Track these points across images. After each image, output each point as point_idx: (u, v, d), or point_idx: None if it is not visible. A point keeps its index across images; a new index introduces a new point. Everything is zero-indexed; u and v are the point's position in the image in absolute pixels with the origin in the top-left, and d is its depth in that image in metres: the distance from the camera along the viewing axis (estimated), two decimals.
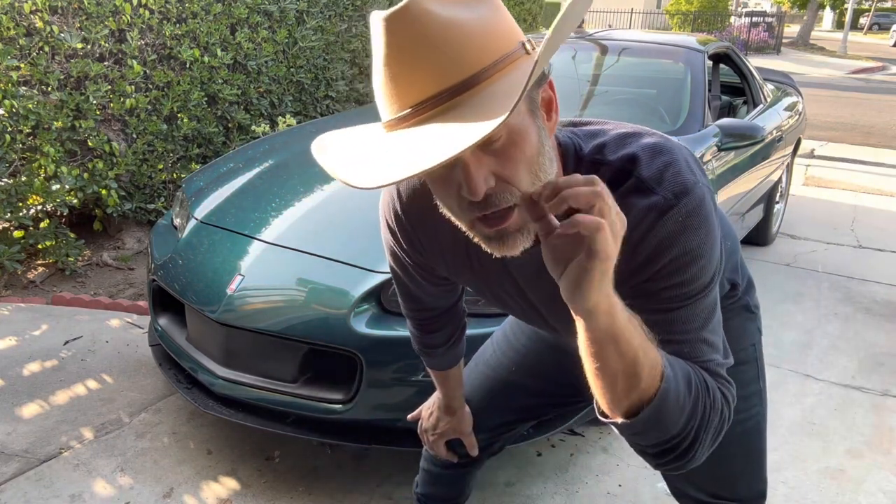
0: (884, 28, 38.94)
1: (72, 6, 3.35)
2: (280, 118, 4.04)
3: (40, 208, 3.38)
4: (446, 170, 0.71)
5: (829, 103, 11.10)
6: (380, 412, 1.85)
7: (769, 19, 21.88)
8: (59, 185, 3.19)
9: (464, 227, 0.77)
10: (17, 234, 3.26)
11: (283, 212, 2.23)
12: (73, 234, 3.42)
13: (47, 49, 3.28)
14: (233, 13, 3.93)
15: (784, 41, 22.90)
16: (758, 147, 3.13)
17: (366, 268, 1.91)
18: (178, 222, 2.45)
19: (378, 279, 1.87)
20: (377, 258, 1.90)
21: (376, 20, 0.70)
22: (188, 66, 3.78)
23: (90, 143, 3.44)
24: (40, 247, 3.37)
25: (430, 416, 1.39)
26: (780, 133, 3.66)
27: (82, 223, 3.83)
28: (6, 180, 3.06)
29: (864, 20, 41.16)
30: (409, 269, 1.10)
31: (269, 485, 2.03)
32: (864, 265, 3.98)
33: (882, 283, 3.73)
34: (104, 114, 3.54)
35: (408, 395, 1.82)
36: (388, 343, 1.80)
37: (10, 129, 3.13)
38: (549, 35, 0.64)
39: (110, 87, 3.45)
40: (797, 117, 4.17)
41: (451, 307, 1.22)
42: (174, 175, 3.85)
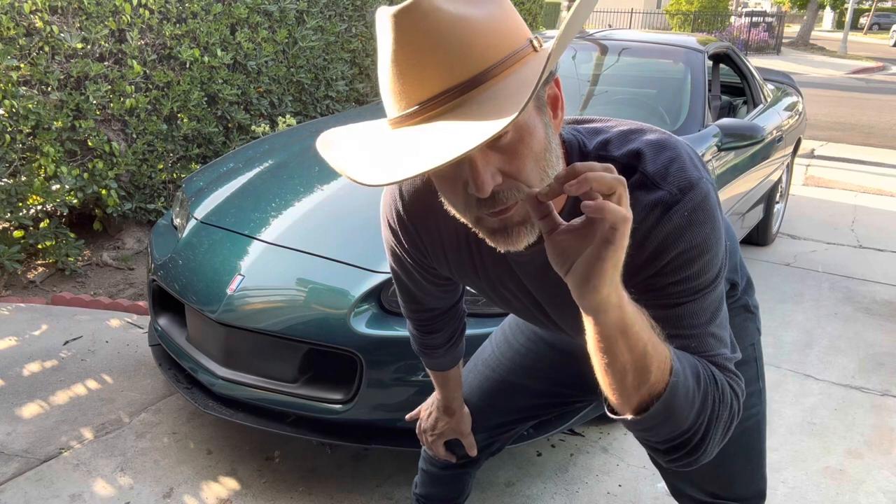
0: (884, 28, 38.95)
1: (72, 6, 3.35)
2: (280, 118, 4.05)
3: (40, 208, 3.38)
4: (453, 167, 0.71)
5: (829, 103, 11.10)
6: (380, 412, 1.85)
7: (769, 19, 21.87)
8: (59, 185, 3.19)
9: (469, 222, 0.78)
10: (17, 234, 3.26)
11: (283, 212, 2.23)
12: (73, 234, 3.42)
13: (47, 49, 3.28)
14: (233, 13, 3.93)
15: (784, 41, 22.90)
16: (758, 147, 3.13)
17: (366, 268, 1.91)
18: (178, 222, 2.45)
19: (378, 279, 1.87)
20: (377, 258, 1.91)
21: (384, 16, 0.69)
22: (188, 66, 3.78)
23: (90, 143, 3.44)
24: (40, 247, 3.37)
25: (428, 416, 1.39)
26: (780, 133, 3.66)
27: (82, 223, 3.84)
28: (6, 180, 3.06)
29: (864, 20, 41.17)
30: (411, 270, 1.09)
31: (269, 485, 2.03)
32: (864, 265, 3.98)
33: (882, 283, 3.73)
34: (104, 114, 3.54)
35: (408, 395, 1.82)
36: (388, 343, 1.80)
37: (10, 129, 3.14)
38: (561, 31, 0.64)
39: (110, 87, 3.45)
40: (797, 117, 4.17)
41: (451, 308, 1.22)
42: (174, 175, 3.85)
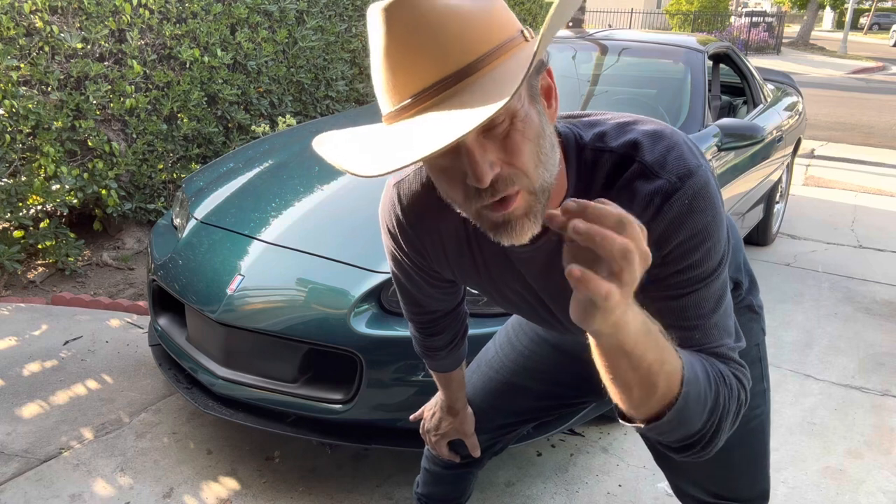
0: (884, 28, 38.95)
1: (72, 6, 3.35)
2: (280, 118, 4.05)
3: (40, 208, 3.38)
4: (450, 160, 0.71)
5: (829, 103, 11.10)
6: (380, 412, 1.85)
7: (769, 19, 21.87)
8: (59, 185, 3.19)
9: (471, 217, 0.77)
10: (17, 234, 3.26)
11: (283, 212, 2.23)
12: (73, 234, 3.42)
13: (47, 49, 3.28)
14: (233, 13, 3.93)
15: (784, 41, 22.90)
16: (758, 147, 3.13)
17: (366, 268, 1.91)
18: (178, 222, 2.45)
19: (378, 279, 1.87)
20: (377, 258, 1.91)
21: (375, 11, 0.70)
22: (188, 66, 3.78)
23: (90, 143, 3.44)
24: (40, 247, 3.37)
25: (432, 416, 1.39)
26: (780, 133, 3.66)
27: (82, 223, 3.84)
28: (6, 180, 3.06)
29: (864, 20, 41.17)
30: (412, 274, 1.09)
31: (269, 485, 2.03)
32: (864, 265, 3.98)
33: (882, 283, 3.73)
34: (104, 114, 3.54)
35: (408, 395, 1.83)
36: (388, 343, 1.80)
37: (10, 129, 3.14)
38: (550, 17, 0.64)
39: (110, 87, 3.45)
40: (797, 117, 4.17)
41: (453, 310, 1.21)
42: (174, 175, 3.85)
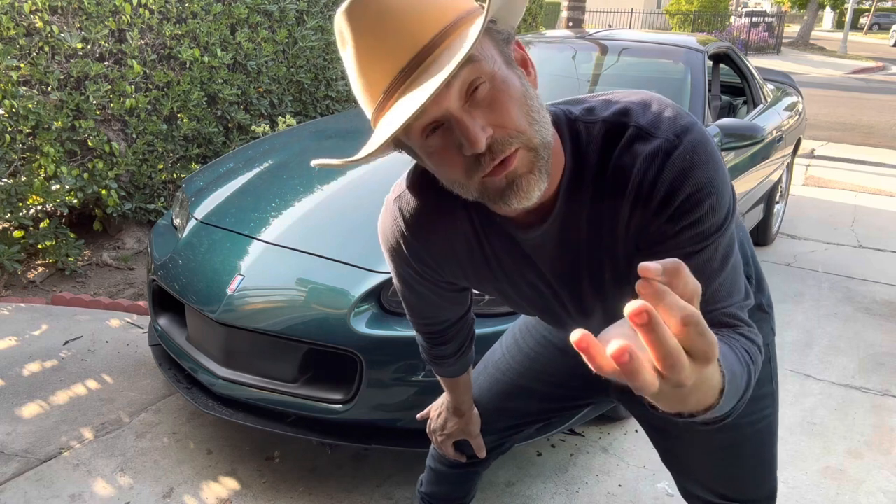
0: (884, 28, 38.95)
1: (72, 6, 3.35)
2: (280, 118, 4.05)
3: (40, 208, 3.38)
4: (441, 137, 0.73)
5: (829, 103, 11.10)
6: (380, 412, 1.85)
7: (769, 19, 21.87)
8: (59, 185, 3.19)
9: (475, 192, 0.78)
10: (17, 234, 3.26)
11: (283, 212, 2.23)
12: (73, 234, 3.42)
13: (47, 49, 3.28)
14: (233, 13, 3.93)
15: (784, 41, 22.90)
16: (758, 147, 3.13)
17: (366, 268, 1.91)
18: (178, 222, 2.45)
19: (378, 279, 1.87)
20: (377, 258, 1.90)
21: (339, 17, 0.73)
22: (188, 66, 3.78)
23: (90, 143, 3.44)
24: (40, 247, 3.37)
25: (438, 416, 1.39)
26: (780, 133, 3.66)
27: (82, 223, 3.84)
28: (6, 180, 3.06)
29: (864, 20, 41.17)
30: (420, 289, 1.07)
31: (269, 485, 2.03)
32: (864, 265, 3.98)
33: (882, 283, 3.73)
34: (104, 114, 3.54)
35: (408, 395, 1.83)
36: (388, 343, 1.80)
37: (10, 129, 3.14)
38: None
39: (110, 87, 3.45)
40: (797, 117, 4.17)
41: (460, 318, 1.21)
42: (174, 175, 3.85)
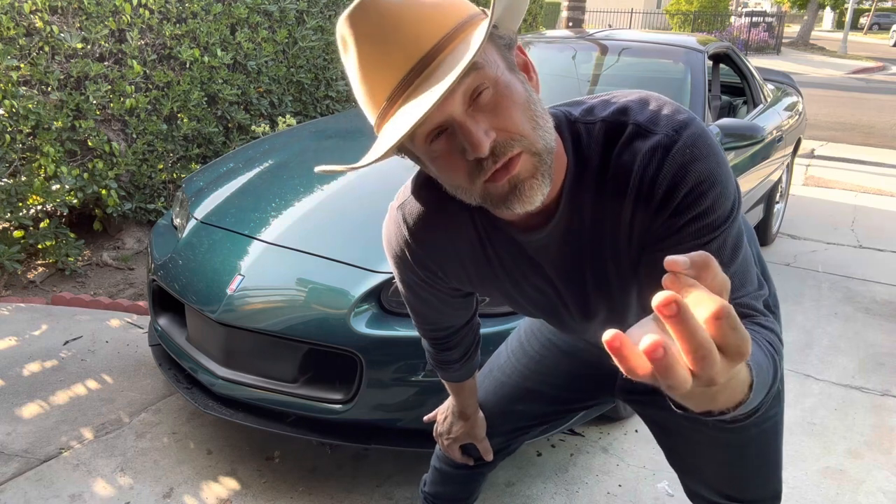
0: (884, 28, 38.94)
1: (72, 6, 3.35)
2: (280, 118, 4.05)
3: (40, 208, 3.38)
4: (445, 142, 0.73)
5: (829, 103, 11.10)
6: (380, 412, 1.85)
7: (769, 19, 21.87)
8: (59, 185, 3.19)
9: (478, 197, 0.78)
10: (17, 234, 3.26)
11: (283, 212, 2.23)
12: (73, 234, 3.42)
13: (47, 49, 3.28)
14: (233, 13, 3.93)
15: (784, 41, 22.90)
16: (758, 147, 3.13)
17: (366, 268, 1.91)
18: (178, 222, 2.45)
19: (378, 279, 1.87)
20: (377, 258, 1.91)
21: (340, 24, 0.73)
22: (188, 66, 3.78)
23: (90, 143, 3.44)
24: (40, 247, 3.37)
25: (444, 420, 1.39)
26: (780, 133, 3.66)
27: (82, 223, 3.84)
28: (6, 180, 3.06)
29: (864, 20, 41.17)
30: (426, 295, 1.08)
31: (269, 485, 2.03)
32: (864, 265, 3.98)
33: (882, 283, 3.73)
34: (104, 114, 3.54)
35: (408, 395, 1.83)
36: (388, 343, 1.80)
37: (10, 129, 3.14)
38: None
39: (110, 87, 3.45)
40: (797, 117, 4.17)
41: (466, 323, 1.21)
42: (174, 175, 3.85)
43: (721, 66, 3.77)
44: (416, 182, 0.97)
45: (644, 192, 0.79)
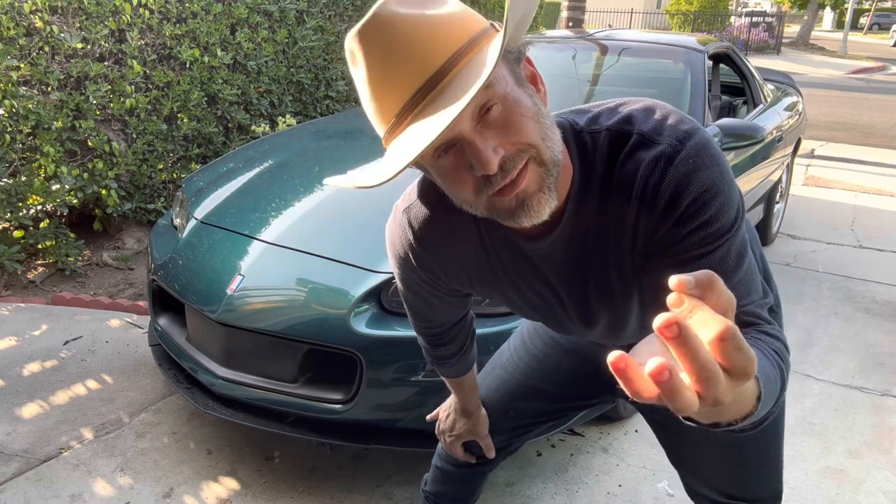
0: (884, 28, 38.93)
1: (72, 6, 3.35)
2: (280, 118, 4.05)
3: (40, 208, 3.38)
4: (453, 157, 0.73)
5: (829, 103, 11.10)
6: (380, 412, 1.85)
7: (769, 19, 21.87)
8: (59, 185, 3.19)
9: (484, 210, 0.78)
10: (17, 234, 3.26)
11: (283, 212, 2.23)
12: (73, 234, 3.42)
13: (47, 49, 3.28)
14: (233, 13, 3.93)
15: (784, 41, 22.90)
16: (758, 147, 3.13)
17: (366, 268, 1.91)
18: (178, 222, 2.45)
19: (378, 279, 1.87)
20: (377, 258, 1.91)
21: (350, 39, 0.73)
22: (188, 66, 3.78)
23: (90, 143, 3.44)
24: (40, 247, 3.37)
25: (447, 417, 1.40)
26: (780, 133, 3.66)
27: (82, 223, 3.84)
28: (6, 180, 3.06)
29: (864, 20, 41.16)
30: (426, 296, 1.09)
31: (269, 485, 2.03)
32: (864, 265, 3.98)
33: (882, 283, 3.73)
34: (104, 114, 3.54)
35: (408, 395, 1.83)
36: (388, 343, 1.80)
37: (10, 129, 3.14)
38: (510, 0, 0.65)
39: (110, 87, 3.45)
40: (797, 117, 4.17)
41: (461, 319, 1.22)
42: (174, 175, 3.85)
43: (721, 66, 3.77)
44: (422, 184, 0.97)
45: (647, 201, 0.80)
